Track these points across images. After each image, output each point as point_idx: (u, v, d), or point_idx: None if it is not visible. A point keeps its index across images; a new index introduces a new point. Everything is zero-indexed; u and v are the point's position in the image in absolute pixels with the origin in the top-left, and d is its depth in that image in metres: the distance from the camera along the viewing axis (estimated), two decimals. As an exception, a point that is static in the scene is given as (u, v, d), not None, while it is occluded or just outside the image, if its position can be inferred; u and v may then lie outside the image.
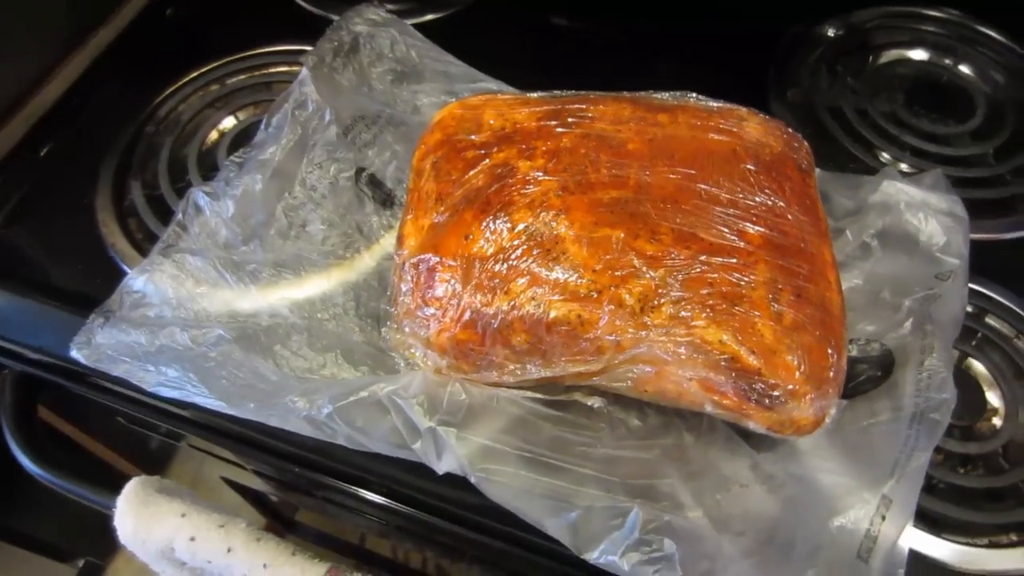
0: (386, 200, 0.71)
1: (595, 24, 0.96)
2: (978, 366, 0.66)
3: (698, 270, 0.53)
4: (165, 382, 0.60)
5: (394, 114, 0.75)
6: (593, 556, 0.51)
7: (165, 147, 0.80)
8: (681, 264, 0.53)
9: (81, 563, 1.49)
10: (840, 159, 0.79)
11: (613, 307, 0.52)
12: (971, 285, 0.66)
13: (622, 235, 0.54)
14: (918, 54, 0.91)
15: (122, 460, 1.23)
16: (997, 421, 0.63)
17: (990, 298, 0.68)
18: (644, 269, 0.53)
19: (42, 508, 1.34)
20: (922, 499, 0.56)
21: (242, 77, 0.88)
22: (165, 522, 0.68)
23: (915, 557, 0.56)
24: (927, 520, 0.58)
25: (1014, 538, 0.58)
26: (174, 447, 1.26)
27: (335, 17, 0.81)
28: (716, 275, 0.53)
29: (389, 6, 0.93)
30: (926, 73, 0.89)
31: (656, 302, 0.52)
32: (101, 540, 1.31)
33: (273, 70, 0.88)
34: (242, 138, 0.78)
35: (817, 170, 0.69)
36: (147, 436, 0.84)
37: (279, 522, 1.25)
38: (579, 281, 0.53)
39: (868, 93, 0.85)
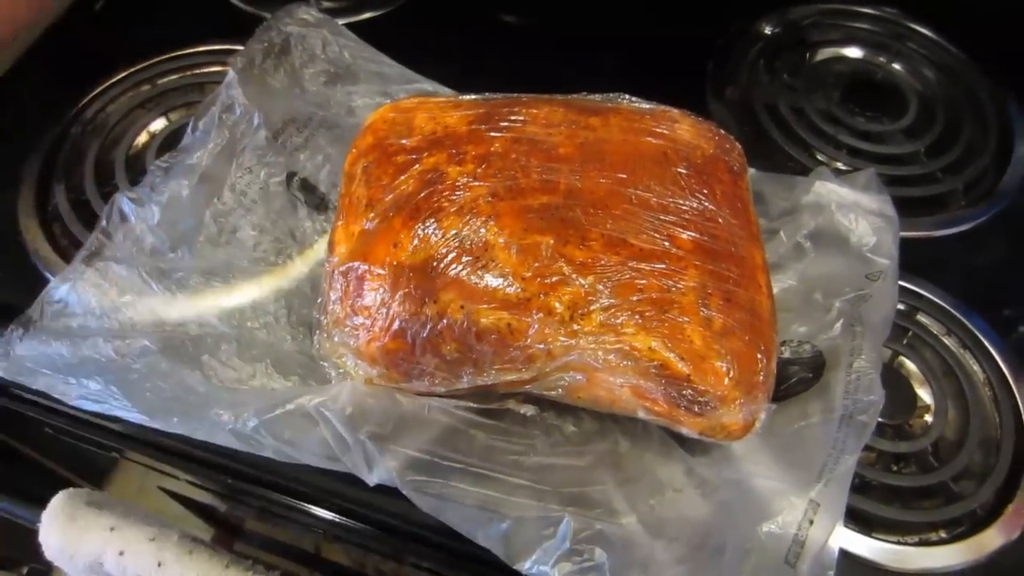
0: (320, 204, 0.70)
1: (535, 21, 0.95)
2: (910, 364, 0.66)
3: (628, 276, 0.52)
4: (87, 395, 0.58)
5: (327, 116, 0.73)
6: (525, 567, 0.51)
7: (92, 149, 0.78)
8: (611, 270, 0.52)
9: (25, 570, 1.45)
10: (777, 158, 0.79)
11: (543, 315, 0.52)
12: (902, 283, 0.67)
13: (551, 241, 0.53)
14: (853, 51, 0.92)
15: (63, 470, 1.19)
16: (928, 418, 0.64)
17: (921, 295, 0.69)
18: (574, 276, 0.52)
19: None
20: (853, 498, 0.57)
21: (173, 77, 0.85)
22: (93, 537, 0.67)
23: (846, 556, 0.56)
24: (858, 519, 0.58)
25: (943, 535, 0.59)
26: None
27: (268, 15, 0.79)
28: (646, 281, 0.52)
29: (326, 3, 0.92)
30: (861, 71, 0.90)
31: (586, 309, 0.52)
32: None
33: (206, 70, 0.86)
34: (173, 140, 0.75)
35: (752, 170, 0.69)
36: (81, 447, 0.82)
37: (226, 531, 1.23)
38: (508, 289, 0.52)
39: (805, 91, 0.86)
